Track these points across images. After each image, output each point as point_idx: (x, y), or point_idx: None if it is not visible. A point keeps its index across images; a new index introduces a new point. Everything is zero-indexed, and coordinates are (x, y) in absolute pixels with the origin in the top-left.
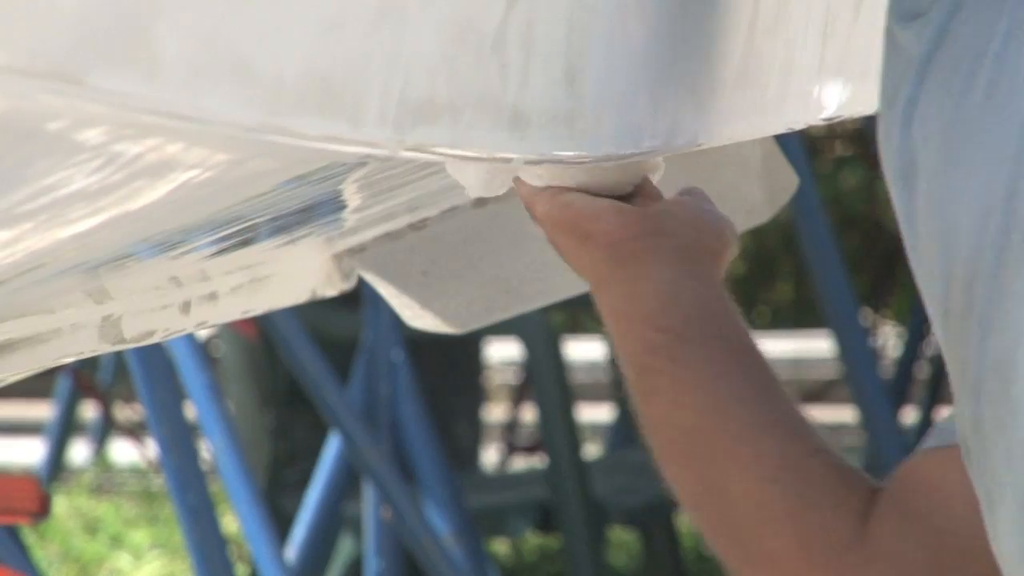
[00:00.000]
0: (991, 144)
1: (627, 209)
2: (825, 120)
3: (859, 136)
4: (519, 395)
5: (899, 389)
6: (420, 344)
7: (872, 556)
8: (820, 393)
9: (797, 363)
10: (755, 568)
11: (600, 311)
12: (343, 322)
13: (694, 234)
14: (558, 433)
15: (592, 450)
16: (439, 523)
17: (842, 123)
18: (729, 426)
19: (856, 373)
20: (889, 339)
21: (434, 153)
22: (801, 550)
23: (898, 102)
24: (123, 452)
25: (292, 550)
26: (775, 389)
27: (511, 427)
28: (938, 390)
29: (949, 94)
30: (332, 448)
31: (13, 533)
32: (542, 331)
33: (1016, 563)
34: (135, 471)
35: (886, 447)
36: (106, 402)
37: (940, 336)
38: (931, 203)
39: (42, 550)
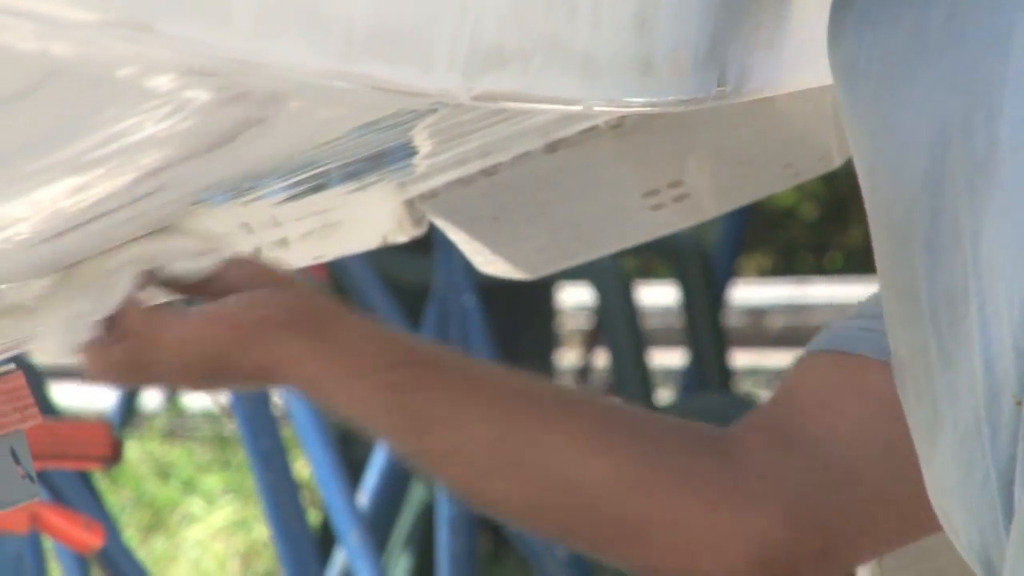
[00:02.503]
0: (946, 70)
1: (272, 288)
2: None
3: None
4: (591, 340)
5: None
6: (492, 289)
7: (765, 490)
8: None
9: None
10: (636, 539)
11: (308, 389)
12: (414, 268)
13: (311, 288)
14: (630, 378)
15: (664, 395)
16: None
17: None
18: (526, 421)
19: None
20: None
21: (504, 100)
22: (674, 501)
23: (854, 2)
24: (195, 397)
25: (364, 496)
26: (533, 378)
27: (583, 372)
28: None
29: (910, 6)
30: None
31: (86, 478)
32: (614, 276)
33: (950, 494)
34: (207, 416)
35: None
36: None
37: (876, 245)
38: (875, 113)
39: (115, 495)
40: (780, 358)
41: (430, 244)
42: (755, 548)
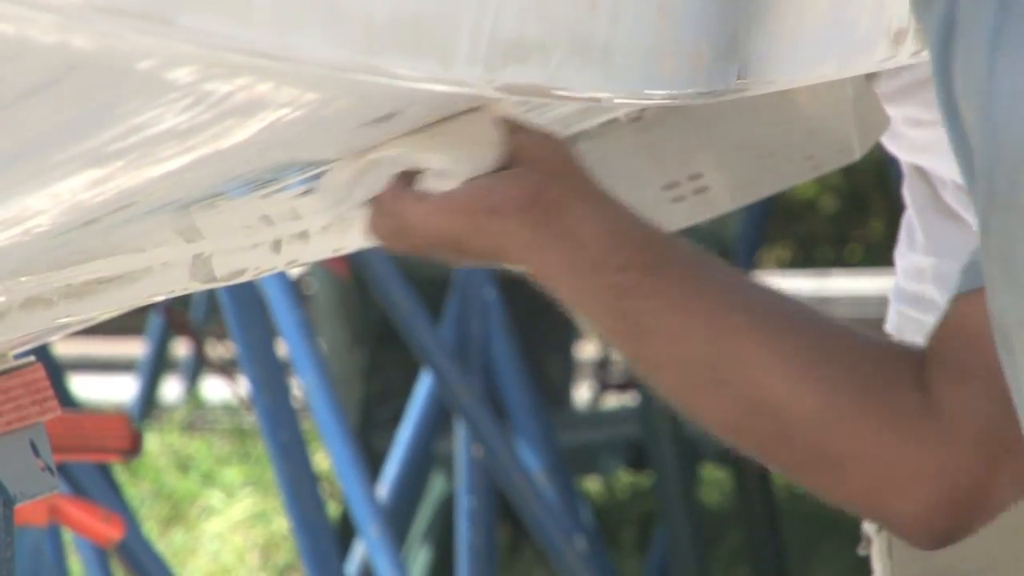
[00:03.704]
0: None
1: (513, 171)
2: (916, 58)
3: None
4: None
5: None
6: (512, 282)
7: (953, 422)
8: None
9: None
10: (832, 470)
11: (538, 280)
12: (434, 260)
13: (570, 159)
14: None
15: None
16: (531, 461)
17: None
18: (741, 338)
19: None
20: None
21: (525, 92)
22: (877, 436)
23: None
24: (215, 390)
25: (383, 488)
26: (760, 287)
27: (603, 365)
28: None
29: None
30: (424, 386)
31: (105, 471)
32: None
33: None
34: (227, 409)
35: None
36: (198, 340)
37: (975, 205)
38: (974, 74)
39: (134, 487)
40: None
41: None
42: (947, 485)
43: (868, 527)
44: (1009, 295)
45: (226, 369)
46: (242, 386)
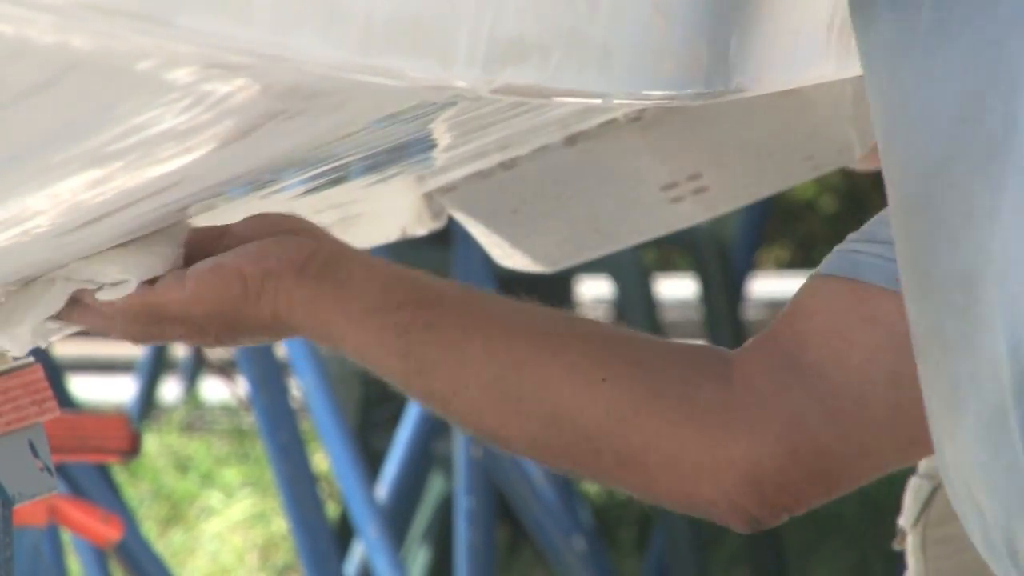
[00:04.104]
0: (967, 46)
1: (277, 238)
2: None
3: None
4: None
5: None
6: (511, 283)
7: (763, 417)
8: None
9: None
10: (638, 469)
11: (321, 340)
12: (433, 261)
13: (318, 229)
14: None
15: None
16: (530, 461)
17: None
18: (524, 355)
19: None
20: None
21: (524, 93)
22: (673, 429)
23: None
24: (214, 390)
25: (382, 488)
26: (540, 309)
27: None
28: None
29: None
30: None
31: (104, 471)
32: (633, 269)
33: (976, 472)
34: (226, 409)
35: None
36: None
37: (891, 216)
38: (893, 83)
39: (133, 488)
40: None
41: (449, 237)
42: (750, 474)
43: (904, 523)
44: (918, 304)
45: (225, 370)
46: (241, 386)
